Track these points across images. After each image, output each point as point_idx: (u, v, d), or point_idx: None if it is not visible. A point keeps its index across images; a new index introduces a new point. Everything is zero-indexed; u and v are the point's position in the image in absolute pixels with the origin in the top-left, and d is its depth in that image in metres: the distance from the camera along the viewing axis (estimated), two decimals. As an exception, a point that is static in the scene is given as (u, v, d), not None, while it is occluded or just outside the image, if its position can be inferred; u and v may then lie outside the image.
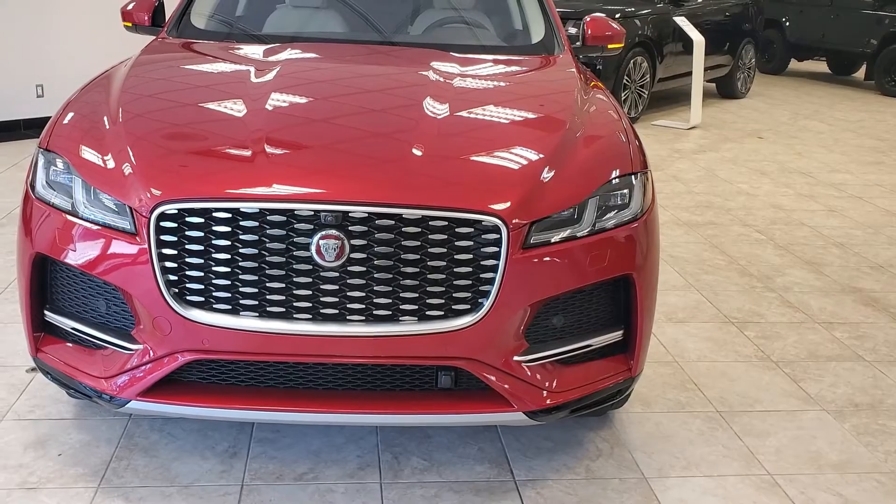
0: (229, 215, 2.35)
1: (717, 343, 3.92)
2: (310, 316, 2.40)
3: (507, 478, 2.83)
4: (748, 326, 4.13)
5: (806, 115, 10.49)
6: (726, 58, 10.85)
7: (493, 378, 2.49)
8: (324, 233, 2.33)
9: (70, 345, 2.66)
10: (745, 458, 3.01)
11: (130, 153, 2.53)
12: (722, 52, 10.67)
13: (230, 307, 2.40)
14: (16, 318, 3.63)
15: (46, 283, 2.66)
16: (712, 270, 4.88)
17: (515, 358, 2.51)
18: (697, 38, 9.25)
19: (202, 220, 2.36)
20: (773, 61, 13.90)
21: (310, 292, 2.38)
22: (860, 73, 13.77)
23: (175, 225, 2.37)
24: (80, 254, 2.50)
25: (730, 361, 3.75)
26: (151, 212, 2.37)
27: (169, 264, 2.38)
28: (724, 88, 11.33)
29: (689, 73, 9.46)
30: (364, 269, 2.37)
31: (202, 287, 2.39)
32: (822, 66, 14.61)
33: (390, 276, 2.37)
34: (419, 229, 2.37)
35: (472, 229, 2.39)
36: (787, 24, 13.46)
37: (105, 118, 2.75)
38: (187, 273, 2.39)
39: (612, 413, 3.22)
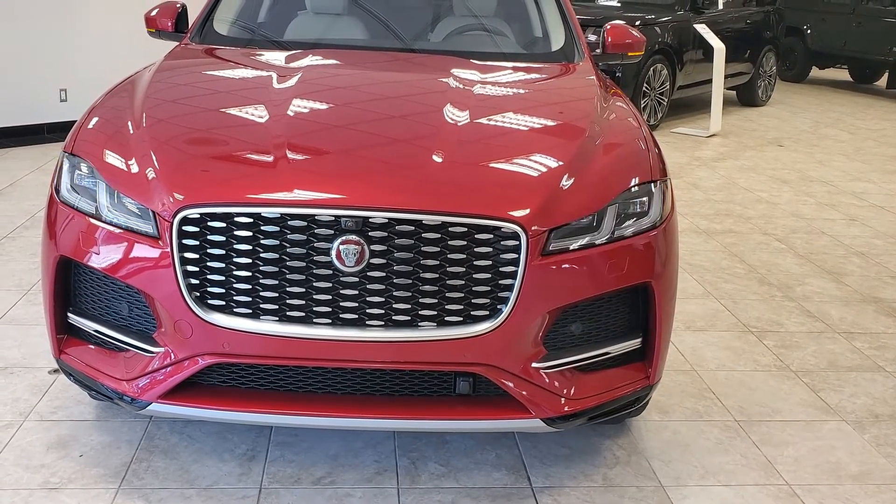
0: (251, 220, 2.37)
1: (736, 352, 3.91)
2: (329, 321, 2.41)
3: (525, 484, 2.83)
4: (767, 335, 4.11)
5: (827, 124, 10.42)
6: (747, 65, 10.80)
7: (511, 384, 2.50)
8: (344, 238, 2.35)
9: (92, 347, 2.69)
10: (763, 468, 3.00)
11: (154, 158, 2.56)
12: (742, 59, 10.62)
13: (251, 311, 2.42)
14: (39, 320, 3.68)
15: (70, 285, 2.69)
16: (731, 279, 4.86)
17: (534, 364, 2.51)
18: (718, 46, 9.22)
19: (224, 224, 2.39)
20: (794, 69, 13.83)
21: (329, 297, 2.40)
22: (882, 82, 13.68)
23: (197, 229, 2.40)
24: (103, 257, 2.53)
25: (749, 370, 3.73)
26: (174, 216, 2.39)
27: (191, 268, 2.41)
28: (745, 96, 11.28)
29: (710, 81, 9.43)
30: (384, 274, 2.38)
31: (223, 291, 2.41)
32: (843, 74, 14.52)
33: (410, 281, 2.38)
34: (439, 235, 2.38)
35: (492, 236, 2.40)
36: (809, 31, 13.39)
37: (129, 123, 2.78)
38: (209, 277, 2.41)
39: (629, 421, 3.22)
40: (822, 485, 2.92)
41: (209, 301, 2.42)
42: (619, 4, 10.32)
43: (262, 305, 2.41)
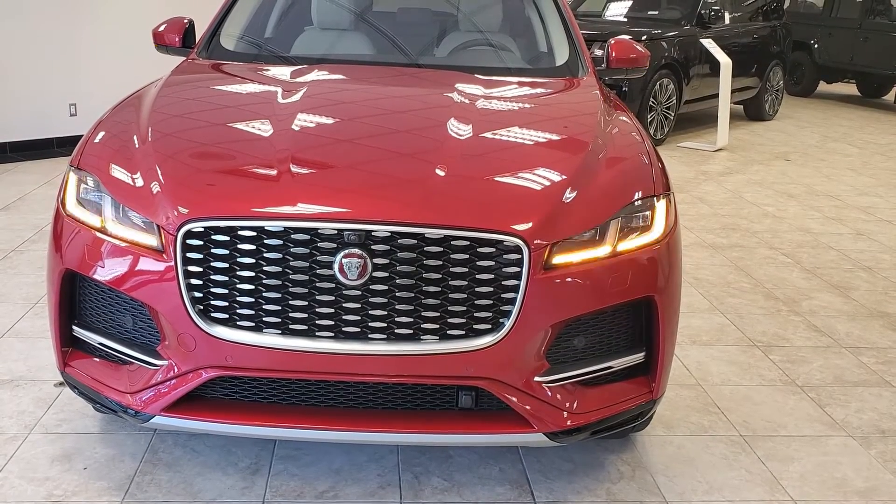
0: (254, 234, 2.39)
1: (742, 366, 3.89)
2: (332, 334, 2.42)
3: (528, 499, 2.82)
4: (773, 350, 4.09)
5: (834, 138, 10.41)
6: (754, 80, 10.80)
7: (513, 398, 2.50)
8: (347, 251, 2.36)
9: (97, 360, 2.70)
10: (768, 484, 2.98)
11: (159, 172, 2.58)
12: (749, 74, 10.63)
13: (254, 324, 2.43)
14: (45, 333, 3.69)
15: (75, 298, 2.71)
16: (737, 293, 4.85)
17: (536, 378, 2.51)
18: (724, 60, 9.23)
19: (228, 238, 2.40)
20: (801, 83, 13.83)
21: (332, 310, 2.40)
22: (890, 96, 13.66)
23: (201, 243, 2.41)
24: (108, 270, 2.54)
25: (754, 385, 3.72)
26: (178, 230, 2.41)
27: (194, 281, 2.42)
28: (752, 111, 11.28)
29: (716, 96, 9.44)
30: (386, 287, 2.38)
31: (226, 304, 2.42)
32: (851, 89, 14.51)
33: (412, 295, 2.39)
34: (441, 249, 2.38)
35: (494, 249, 2.40)
36: (816, 46, 13.40)
37: (135, 137, 2.80)
38: (212, 290, 2.42)
39: (633, 436, 3.21)
40: (828, 501, 2.90)
41: (212, 314, 2.43)
42: (625, 19, 10.36)
43: (265, 319, 2.42)
